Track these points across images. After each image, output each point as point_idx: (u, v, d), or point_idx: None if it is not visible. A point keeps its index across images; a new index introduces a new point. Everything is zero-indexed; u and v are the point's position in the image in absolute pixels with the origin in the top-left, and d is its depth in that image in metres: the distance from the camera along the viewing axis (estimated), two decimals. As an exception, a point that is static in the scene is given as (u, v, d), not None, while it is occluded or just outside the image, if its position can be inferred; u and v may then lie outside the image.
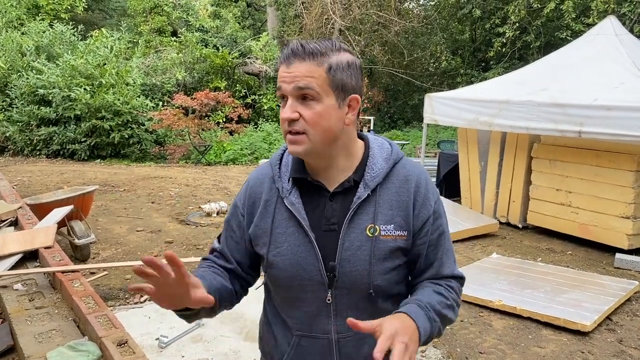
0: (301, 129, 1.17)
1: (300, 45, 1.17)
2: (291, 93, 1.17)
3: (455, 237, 6.14)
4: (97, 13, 25.10)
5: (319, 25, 16.79)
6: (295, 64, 1.16)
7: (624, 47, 6.47)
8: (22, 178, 9.75)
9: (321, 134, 1.18)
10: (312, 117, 1.17)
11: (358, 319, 1.16)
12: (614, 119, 5.25)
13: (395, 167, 1.29)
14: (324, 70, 1.16)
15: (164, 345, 3.47)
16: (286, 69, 1.17)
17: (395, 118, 20.04)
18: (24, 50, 14.33)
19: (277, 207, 1.29)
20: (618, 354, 3.62)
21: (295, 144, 1.19)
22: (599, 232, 5.92)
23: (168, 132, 13.94)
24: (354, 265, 1.23)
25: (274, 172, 1.33)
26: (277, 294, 1.34)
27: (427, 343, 1.22)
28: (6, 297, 3.50)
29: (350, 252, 1.23)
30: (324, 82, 1.17)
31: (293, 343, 1.31)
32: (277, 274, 1.28)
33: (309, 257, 1.24)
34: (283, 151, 1.36)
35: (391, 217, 1.25)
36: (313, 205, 1.27)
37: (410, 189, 1.27)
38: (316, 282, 1.25)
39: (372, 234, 1.23)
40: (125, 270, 4.96)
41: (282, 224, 1.27)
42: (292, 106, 1.17)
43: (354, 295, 1.26)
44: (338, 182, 1.27)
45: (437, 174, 8.78)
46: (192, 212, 7.44)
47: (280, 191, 1.29)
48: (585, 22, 12.29)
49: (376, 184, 1.25)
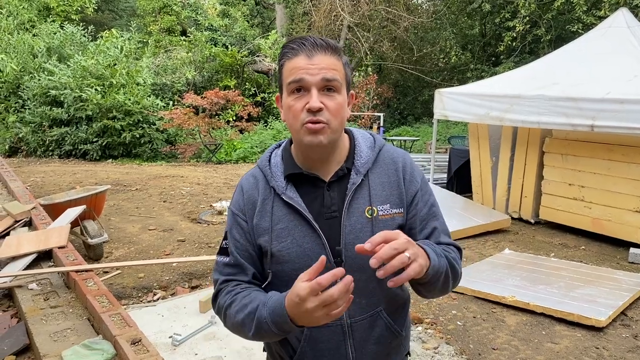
0: (325, 119, 1.21)
1: (320, 39, 1.22)
2: (317, 84, 1.20)
3: (467, 233, 6.11)
4: (107, 14, 25.26)
5: (327, 22, 16.76)
6: (319, 57, 1.20)
7: (636, 40, 6.39)
8: (36, 179, 9.85)
9: (340, 124, 1.25)
10: (335, 108, 1.22)
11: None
12: (627, 113, 5.20)
13: (381, 152, 1.38)
14: (341, 64, 1.25)
15: (177, 344, 3.50)
16: (308, 60, 1.20)
17: (405, 114, 19.97)
18: (36, 52, 14.47)
19: (275, 204, 1.31)
20: (633, 350, 3.58)
21: (318, 133, 1.21)
22: (613, 226, 5.86)
23: (179, 131, 14.02)
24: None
25: (265, 173, 1.36)
26: (284, 288, 1.30)
27: (435, 278, 1.20)
28: (21, 297, 3.55)
29: (354, 235, 1.28)
30: (342, 76, 1.24)
31: (304, 336, 1.31)
32: (284, 268, 1.29)
33: (316, 247, 1.27)
34: (270, 153, 1.40)
35: (386, 197, 1.32)
36: (311, 197, 1.31)
37: (398, 168, 1.36)
38: (325, 270, 1.24)
39: (370, 215, 1.29)
40: (138, 269, 5.00)
41: (282, 219, 1.29)
42: (318, 96, 1.20)
43: (361, 277, 1.27)
44: (332, 172, 1.32)
45: (448, 169, 8.74)
46: (203, 210, 7.47)
47: (276, 189, 1.31)
48: (596, 14, 12.14)
49: (367, 169, 1.33)
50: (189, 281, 4.80)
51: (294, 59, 1.21)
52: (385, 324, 1.35)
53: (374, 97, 17.22)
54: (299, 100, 1.21)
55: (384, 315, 1.35)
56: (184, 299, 4.24)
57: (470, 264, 5.19)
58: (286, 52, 1.24)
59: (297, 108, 1.21)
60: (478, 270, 4.90)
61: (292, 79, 1.21)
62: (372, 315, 1.33)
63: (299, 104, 1.21)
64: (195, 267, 5.13)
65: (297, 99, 1.21)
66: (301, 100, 1.21)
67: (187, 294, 4.38)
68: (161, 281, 4.78)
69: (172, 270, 5.07)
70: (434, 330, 3.86)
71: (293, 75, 1.21)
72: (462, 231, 6.07)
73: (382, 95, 18.07)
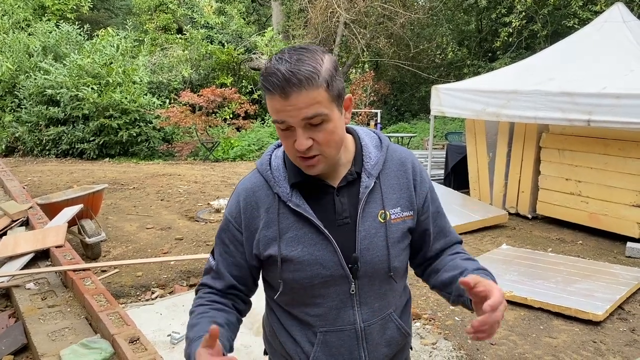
0: (317, 152, 1.16)
1: (291, 72, 1.08)
2: (299, 124, 1.12)
3: (464, 229, 6.12)
4: (103, 12, 25.17)
5: (323, 19, 16.74)
6: (294, 96, 1.09)
7: (632, 34, 6.39)
8: (32, 178, 9.82)
9: (335, 148, 1.19)
10: (325, 139, 1.15)
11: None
12: (623, 107, 5.20)
13: (388, 152, 1.34)
14: (324, 89, 1.12)
15: (175, 342, 3.49)
16: (284, 102, 1.10)
17: (402, 110, 19.97)
18: (31, 51, 14.41)
19: (281, 213, 1.26)
20: (630, 343, 3.60)
21: (312, 167, 1.19)
22: (610, 221, 5.88)
23: (175, 129, 14.00)
24: (373, 253, 1.26)
25: (267, 178, 1.29)
26: (294, 296, 1.30)
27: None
28: (19, 297, 3.54)
29: (368, 240, 1.26)
30: (327, 101, 1.13)
31: (318, 340, 1.30)
32: (295, 277, 1.25)
33: (327, 254, 1.24)
34: (270, 155, 1.33)
35: (397, 200, 1.31)
36: (319, 203, 1.26)
37: (408, 170, 1.34)
38: (338, 276, 1.25)
39: (383, 219, 1.28)
40: (136, 267, 5.00)
41: (291, 228, 1.25)
42: (304, 135, 1.14)
43: (375, 282, 1.29)
44: (340, 177, 1.28)
45: (445, 165, 8.74)
46: (201, 208, 7.47)
47: (280, 196, 1.26)
48: (592, 9, 12.14)
49: (378, 172, 1.29)
50: (187, 279, 4.80)
51: (271, 97, 1.12)
52: (396, 325, 1.36)
53: (371, 94, 17.21)
54: (287, 137, 1.16)
55: (395, 317, 1.36)
56: (182, 297, 4.24)
57: (468, 259, 5.19)
58: (264, 85, 1.14)
59: (288, 145, 1.17)
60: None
61: (275, 119, 1.15)
62: (383, 318, 1.33)
63: (289, 141, 1.16)
64: (193, 265, 5.13)
65: (286, 136, 1.16)
66: (290, 138, 1.16)
67: (185, 292, 4.38)
68: (159, 279, 4.78)
69: (170, 268, 5.06)
70: (432, 326, 3.87)
71: (275, 116, 1.14)
72: (460, 227, 6.08)
73: (379, 92, 18.07)
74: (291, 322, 1.34)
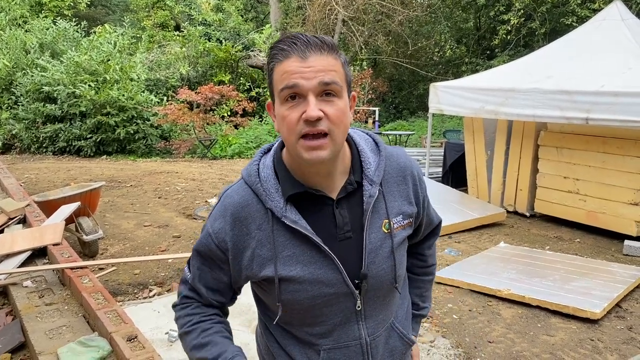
0: (326, 128, 1.05)
1: (313, 36, 1.06)
2: (314, 89, 1.04)
3: (462, 227, 6.13)
4: (100, 9, 25.12)
5: (322, 17, 16.72)
6: (314, 57, 1.04)
7: (630, 32, 6.40)
8: (30, 175, 9.79)
9: (342, 133, 1.09)
10: (337, 115, 1.06)
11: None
12: (621, 105, 5.21)
13: (386, 157, 1.26)
14: (340, 64, 1.08)
15: (173, 340, 3.49)
16: (302, 63, 1.03)
17: (400, 108, 19.98)
18: (28, 48, 14.37)
19: (275, 230, 1.15)
20: (628, 341, 3.60)
21: (319, 149, 1.06)
22: (607, 219, 5.88)
23: (173, 127, 13.97)
24: (379, 266, 1.20)
25: (257, 192, 1.17)
26: (294, 315, 1.21)
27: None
28: (16, 294, 3.53)
29: (374, 253, 1.19)
30: (342, 77, 1.08)
31: (322, 358, 1.22)
32: (296, 297, 1.16)
33: (329, 272, 1.15)
34: (257, 164, 1.21)
35: (399, 207, 1.24)
36: (317, 217, 1.16)
37: (407, 176, 1.27)
38: (342, 294, 1.18)
39: (387, 229, 1.21)
40: (133, 265, 4.99)
41: (287, 246, 1.15)
42: (317, 103, 1.04)
43: (380, 294, 1.24)
44: (338, 187, 1.18)
45: (444, 163, 8.75)
46: (198, 206, 7.45)
47: (274, 211, 1.14)
48: (591, 7, 12.17)
49: (380, 178, 1.21)
50: (184, 277, 4.79)
51: (285, 61, 1.05)
52: (398, 334, 1.33)
53: (369, 92, 17.21)
54: (293, 109, 1.05)
55: (396, 326, 1.33)
56: (180, 295, 4.23)
57: (465, 257, 5.20)
58: (276, 54, 1.07)
59: (292, 119, 1.05)
60: (473, 264, 4.92)
61: (284, 85, 1.05)
62: (386, 329, 1.29)
63: (294, 114, 1.05)
64: (191, 263, 5.11)
65: (292, 108, 1.05)
66: (297, 109, 1.05)
67: (183, 290, 4.36)
68: (157, 277, 4.77)
69: (168, 266, 5.05)
70: (430, 324, 3.87)
71: (285, 81, 1.04)
72: (458, 225, 6.08)
73: (377, 89, 18.07)
74: (289, 342, 1.26)
